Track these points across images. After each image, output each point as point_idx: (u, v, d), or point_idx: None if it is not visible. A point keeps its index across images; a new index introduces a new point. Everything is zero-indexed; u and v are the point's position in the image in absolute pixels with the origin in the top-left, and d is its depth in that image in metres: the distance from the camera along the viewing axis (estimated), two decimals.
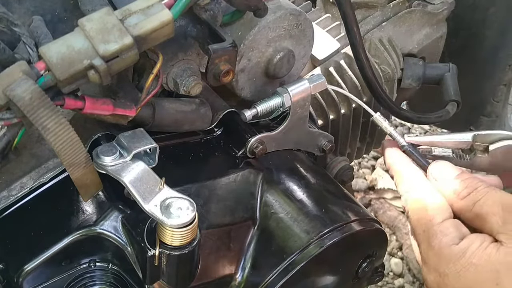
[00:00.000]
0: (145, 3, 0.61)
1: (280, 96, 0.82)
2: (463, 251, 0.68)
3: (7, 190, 0.73)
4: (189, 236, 0.66)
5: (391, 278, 1.78)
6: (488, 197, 0.71)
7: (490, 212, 0.69)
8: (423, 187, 0.76)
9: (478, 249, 0.67)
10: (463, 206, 0.72)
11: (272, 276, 0.75)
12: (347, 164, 1.00)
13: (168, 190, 0.67)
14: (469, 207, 0.72)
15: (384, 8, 1.12)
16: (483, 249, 0.67)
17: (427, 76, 1.13)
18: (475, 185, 0.73)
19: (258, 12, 0.72)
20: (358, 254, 0.83)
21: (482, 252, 0.67)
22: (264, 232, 0.80)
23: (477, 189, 0.72)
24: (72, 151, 0.61)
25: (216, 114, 0.82)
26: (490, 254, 0.66)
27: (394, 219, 1.87)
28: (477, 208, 0.71)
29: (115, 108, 0.66)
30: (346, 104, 1.06)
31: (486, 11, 1.29)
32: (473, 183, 0.73)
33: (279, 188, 0.82)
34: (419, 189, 0.76)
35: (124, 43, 0.59)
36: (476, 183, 0.73)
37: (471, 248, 0.68)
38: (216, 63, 0.70)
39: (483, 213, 0.70)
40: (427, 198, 0.74)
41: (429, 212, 0.73)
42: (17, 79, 0.56)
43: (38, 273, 0.72)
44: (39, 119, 0.57)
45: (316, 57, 1.03)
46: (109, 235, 0.74)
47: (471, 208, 0.71)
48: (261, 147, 0.82)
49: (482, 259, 0.66)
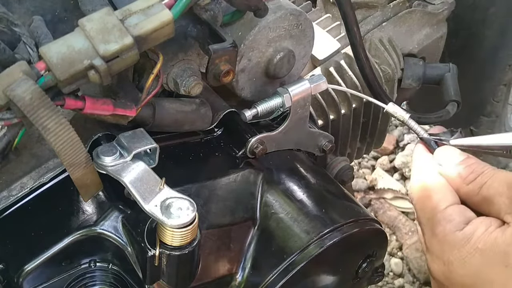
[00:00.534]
0: (145, 3, 0.61)
1: (281, 96, 0.82)
2: (468, 236, 0.65)
3: (7, 190, 0.73)
4: (189, 236, 0.66)
5: (391, 278, 1.78)
6: (494, 179, 0.68)
7: (497, 193, 0.67)
8: (428, 174, 0.74)
9: (484, 234, 0.65)
10: (469, 191, 0.70)
11: (272, 276, 0.75)
12: (347, 164, 1.00)
13: (168, 190, 0.67)
14: (475, 191, 0.70)
15: (384, 8, 1.12)
16: (489, 234, 0.64)
17: (427, 76, 1.13)
18: (481, 169, 0.71)
19: (258, 12, 0.72)
20: (358, 254, 0.83)
21: (488, 236, 0.64)
22: (264, 232, 0.80)
23: (483, 173, 0.70)
24: (72, 151, 0.61)
25: (216, 114, 0.82)
26: (497, 237, 0.64)
27: (394, 219, 1.87)
28: (484, 191, 0.68)
29: (115, 108, 0.66)
30: (346, 104, 1.06)
31: (486, 11, 1.30)
32: (479, 167, 0.70)
33: (279, 188, 0.82)
34: (424, 176, 0.74)
35: (124, 43, 0.59)
36: (482, 167, 0.71)
37: (477, 233, 0.65)
38: (216, 63, 0.70)
39: (490, 195, 0.67)
40: (431, 185, 0.71)
41: (433, 199, 0.70)
42: (17, 79, 0.56)
43: (38, 273, 0.72)
44: (39, 119, 0.57)
45: (316, 57, 1.03)
46: (109, 235, 0.74)
47: (478, 191, 0.69)
48: (261, 147, 0.82)
49: (488, 243, 0.64)
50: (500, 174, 0.69)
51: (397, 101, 1.18)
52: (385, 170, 2.04)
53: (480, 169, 0.71)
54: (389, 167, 2.06)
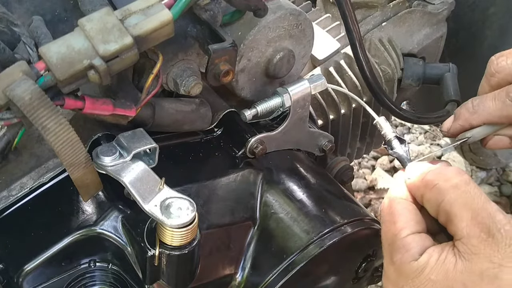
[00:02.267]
0: (145, 3, 0.61)
1: (280, 96, 0.82)
2: (422, 267, 0.66)
3: (7, 190, 0.73)
4: (189, 236, 0.66)
5: None
6: (458, 196, 0.67)
7: (459, 216, 0.66)
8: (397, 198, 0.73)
9: (437, 264, 0.65)
10: (431, 198, 0.69)
11: (272, 276, 0.75)
12: (347, 164, 1.00)
13: (168, 190, 0.67)
14: (437, 201, 0.68)
15: (384, 8, 1.12)
16: (441, 264, 0.65)
17: (427, 76, 1.13)
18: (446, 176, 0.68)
19: (258, 12, 0.72)
20: (358, 254, 0.83)
21: (440, 267, 0.65)
22: (264, 232, 0.80)
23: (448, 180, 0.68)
24: (72, 151, 0.61)
25: (216, 114, 0.82)
26: (447, 270, 0.65)
27: None
28: (446, 206, 0.68)
29: (115, 108, 0.66)
30: (346, 104, 1.06)
31: (486, 11, 1.29)
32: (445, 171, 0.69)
33: (279, 188, 0.82)
34: (393, 199, 0.74)
35: (124, 43, 0.59)
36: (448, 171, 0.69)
37: (430, 263, 0.66)
38: (216, 63, 0.70)
39: (451, 213, 0.67)
40: (397, 210, 0.71)
41: (397, 225, 0.70)
42: (17, 79, 0.56)
43: (38, 273, 0.72)
44: (39, 119, 0.57)
45: (316, 57, 1.03)
46: (109, 235, 0.74)
47: (440, 202, 0.68)
48: (261, 147, 0.82)
49: (440, 275, 0.65)
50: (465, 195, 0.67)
51: (397, 101, 1.18)
52: (385, 170, 2.04)
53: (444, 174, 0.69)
54: (389, 167, 2.06)
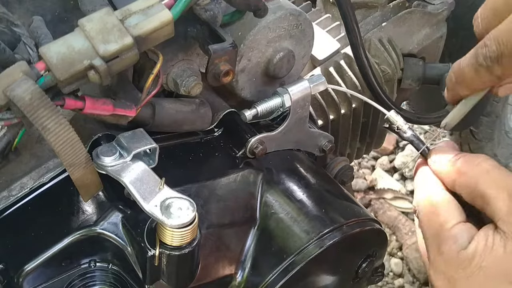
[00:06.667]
0: (145, 3, 0.61)
1: (280, 96, 0.82)
2: (471, 255, 0.67)
3: (7, 190, 0.73)
4: (189, 236, 0.66)
5: (391, 278, 1.78)
6: (491, 179, 0.68)
7: (495, 197, 0.67)
8: (434, 190, 0.74)
9: (485, 250, 0.66)
10: (465, 183, 0.70)
11: (272, 276, 0.75)
12: (347, 164, 1.00)
13: (168, 190, 0.67)
14: (471, 186, 0.69)
15: (384, 8, 1.12)
16: (490, 249, 0.66)
17: (427, 76, 1.13)
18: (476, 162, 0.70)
19: (258, 12, 0.72)
20: (358, 254, 0.84)
21: (490, 253, 0.66)
22: (264, 232, 0.80)
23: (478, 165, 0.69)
24: (72, 151, 0.61)
25: (216, 114, 0.82)
26: (498, 254, 0.66)
27: (394, 219, 1.87)
28: (481, 189, 0.68)
29: (115, 108, 0.66)
30: (346, 104, 1.06)
31: None
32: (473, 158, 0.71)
33: (279, 188, 0.82)
34: (430, 191, 0.74)
35: (124, 43, 0.59)
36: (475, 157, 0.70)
37: (478, 250, 0.67)
38: (216, 63, 0.70)
39: (487, 195, 0.68)
40: (438, 201, 0.72)
41: (440, 216, 0.71)
42: (17, 79, 0.56)
43: (38, 273, 0.72)
44: (39, 119, 0.57)
45: (316, 57, 1.03)
46: (109, 235, 0.74)
47: (474, 187, 0.70)
48: (261, 147, 0.82)
49: (490, 261, 0.66)
50: (499, 175, 0.69)
51: (397, 101, 1.18)
52: (385, 170, 2.05)
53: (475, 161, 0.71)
54: (389, 167, 2.06)
